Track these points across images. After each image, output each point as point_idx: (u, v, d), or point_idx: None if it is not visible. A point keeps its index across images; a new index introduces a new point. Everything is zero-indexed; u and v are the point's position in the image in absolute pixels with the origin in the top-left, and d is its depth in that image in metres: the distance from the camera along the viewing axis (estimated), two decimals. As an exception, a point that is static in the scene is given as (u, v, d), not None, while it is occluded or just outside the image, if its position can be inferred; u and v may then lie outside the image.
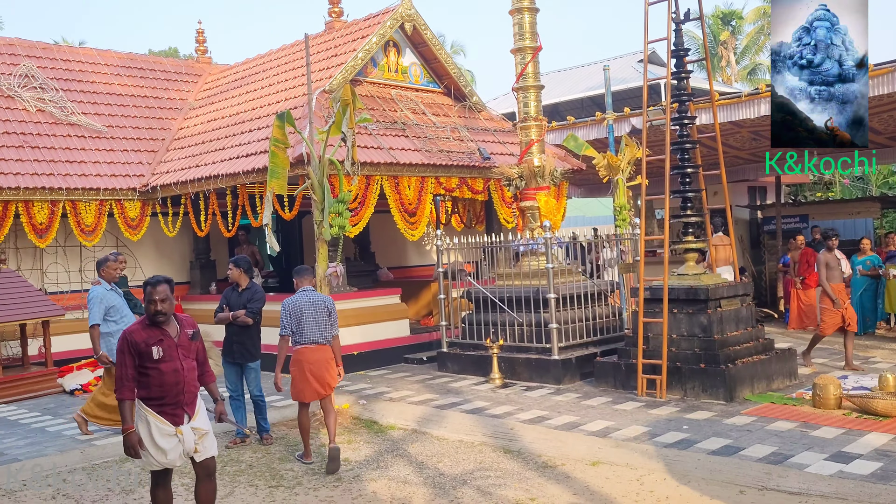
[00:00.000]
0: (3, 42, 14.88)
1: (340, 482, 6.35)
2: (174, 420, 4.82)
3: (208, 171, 11.94)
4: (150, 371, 4.76)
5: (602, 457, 6.61)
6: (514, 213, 12.66)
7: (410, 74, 13.80)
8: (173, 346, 4.85)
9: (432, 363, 11.66)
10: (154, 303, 4.81)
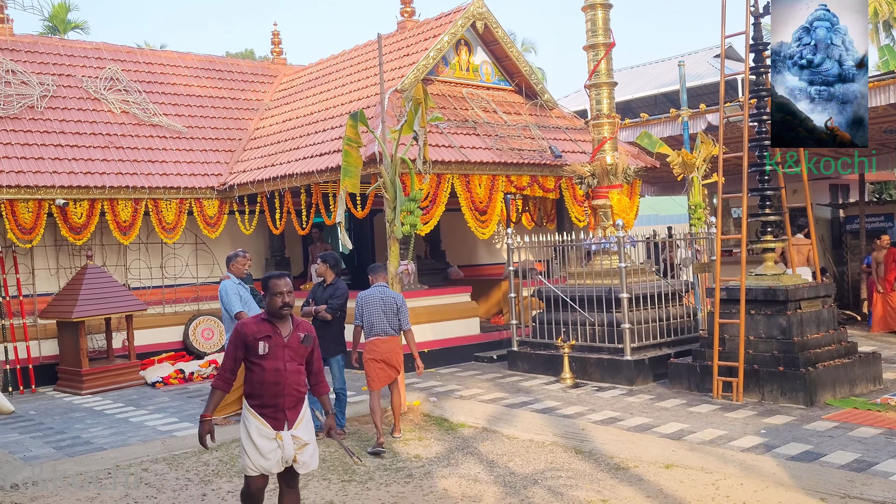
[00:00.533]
0: (90, 46, 15.47)
1: (412, 479, 6.41)
2: (274, 424, 4.63)
3: (283, 171, 12.18)
4: (254, 367, 4.63)
5: (676, 459, 6.50)
6: (585, 211, 12.53)
7: (482, 73, 13.80)
8: (281, 346, 4.64)
9: (502, 362, 11.65)
10: (281, 295, 4.63)
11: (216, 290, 14.06)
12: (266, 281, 4.70)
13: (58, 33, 32.31)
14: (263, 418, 4.62)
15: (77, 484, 6.68)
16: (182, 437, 8.14)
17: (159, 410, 9.72)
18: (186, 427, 8.63)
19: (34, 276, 12.38)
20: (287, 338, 4.66)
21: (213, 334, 13.49)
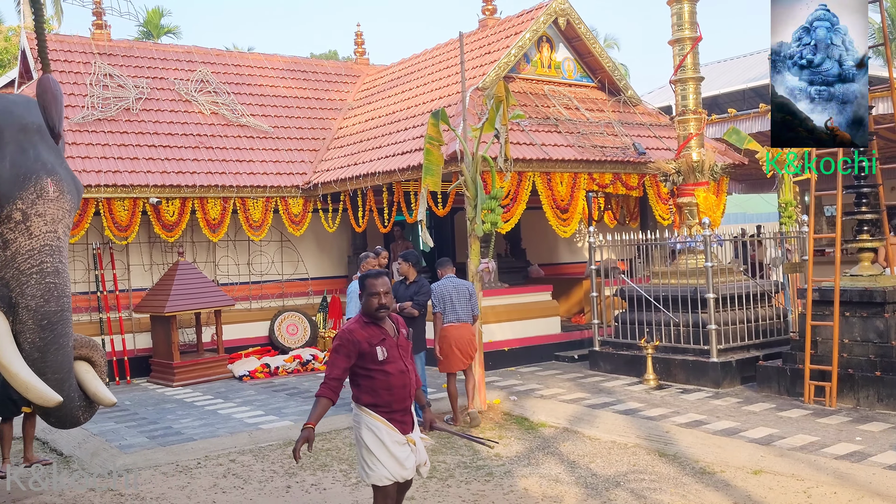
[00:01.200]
0: (181, 50, 16.01)
1: (492, 477, 6.40)
2: (402, 428, 4.41)
3: (365, 169, 12.34)
4: (375, 374, 4.34)
5: (765, 465, 6.30)
6: (670, 209, 12.26)
7: (563, 69, 13.67)
8: (394, 346, 4.45)
9: (583, 361, 11.52)
10: (378, 296, 4.38)
11: (301, 287, 14.47)
12: (363, 280, 4.47)
13: (151, 38, 33.55)
14: (393, 423, 4.38)
15: (169, 472, 6.92)
16: (268, 430, 8.34)
17: (246, 403, 9.98)
18: (272, 420, 8.85)
19: (129, 271, 12.90)
20: (396, 337, 4.49)
21: (298, 330, 13.78)
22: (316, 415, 4.26)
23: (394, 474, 4.36)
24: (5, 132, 4.52)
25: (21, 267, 4.40)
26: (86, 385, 4.72)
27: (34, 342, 4.39)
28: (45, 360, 4.41)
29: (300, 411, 9.28)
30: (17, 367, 4.29)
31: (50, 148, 4.69)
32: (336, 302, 14.29)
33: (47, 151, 4.64)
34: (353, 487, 6.29)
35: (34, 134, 4.62)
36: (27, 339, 4.38)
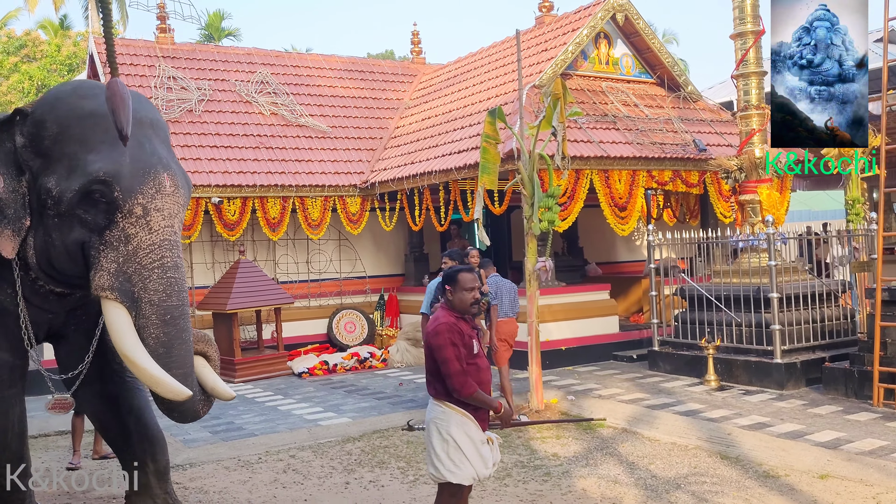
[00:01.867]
0: (242, 52, 16.30)
1: (550, 477, 6.36)
2: (483, 425, 4.38)
3: (422, 168, 12.38)
4: (470, 368, 4.29)
5: (832, 470, 6.13)
6: (731, 207, 12.01)
7: (622, 66, 13.50)
8: (479, 342, 4.46)
9: (642, 361, 11.37)
10: (472, 290, 4.36)
11: (358, 285, 14.60)
12: (454, 275, 4.42)
13: (213, 41, 34.23)
14: (477, 421, 4.34)
15: (231, 467, 7.06)
16: (326, 427, 8.44)
17: (305, 400, 10.12)
18: (331, 417, 8.95)
19: (192, 269, 13.19)
20: (480, 333, 4.54)
21: (356, 328, 13.91)
22: (491, 400, 4.31)
23: (479, 473, 4.33)
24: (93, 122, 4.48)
25: (143, 262, 4.36)
26: (204, 380, 4.72)
27: (159, 337, 4.38)
28: (170, 355, 4.40)
29: (358, 408, 9.37)
30: (145, 363, 4.28)
31: (162, 142, 4.69)
32: (393, 300, 14.38)
33: (161, 146, 4.64)
34: (410, 485, 6.32)
35: (148, 128, 4.61)
36: (151, 334, 4.36)
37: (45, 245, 4.50)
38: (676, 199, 14.27)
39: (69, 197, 4.35)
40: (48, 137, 4.43)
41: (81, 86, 4.69)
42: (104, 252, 4.37)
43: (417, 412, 8.95)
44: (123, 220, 4.35)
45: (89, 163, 4.33)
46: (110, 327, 4.39)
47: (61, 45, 32.01)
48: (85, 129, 4.40)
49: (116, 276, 4.35)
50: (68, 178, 4.36)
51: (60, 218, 4.41)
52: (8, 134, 4.55)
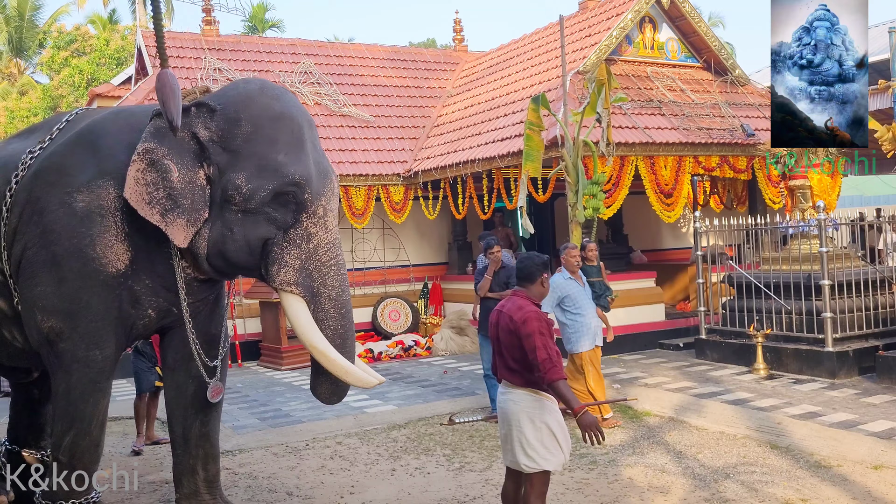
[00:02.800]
0: (286, 43, 16.43)
1: (595, 465, 6.34)
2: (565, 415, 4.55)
3: (465, 156, 12.36)
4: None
5: (886, 460, 6.00)
6: (781, 192, 11.79)
7: (667, 50, 13.30)
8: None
9: (689, 350, 11.23)
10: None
11: (402, 274, 14.66)
12: (548, 264, 4.62)
13: (257, 32, 34.53)
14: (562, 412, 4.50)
15: (279, 453, 7.17)
16: (372, 414, 8.51)
17: (351, 388, 10.18)
18: (376, 404, 9.02)
19: (239, 259, 13.34)
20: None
21: (400, 316, 13.97)
22: (574, 398, 4.32)
23: (567, 460, 4.54)
24: (304, 129, 4.71)
25: (322, 259, 4.62)
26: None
27: (336, 329, 4.65)
28: (345, 346, 4.68)
29: (403, 396, 9.43)
30: (335, 354, 4.57)
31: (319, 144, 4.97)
32: (437, 288, 14.42)
33: (320, 148, 4.93)
34: (456, 472, 6.35)
35: (314, 130, 4.89)
36: (330, 326, 4.63)
37: (222, 238, 4.59)
38: (723, 185, 14.04)
39: (262, 195, 4.50)
40: (241, 136, 4.54)
41: (267, 86, 4.81)
42: (287, 249, 4.59)
43: (462, 400, 8.99)
44: (308, 219, 4.60)
45: (282, 165, 4.52)
46: (296, 321, 4.63)
47: (110, 39, 32.60)
48: (275, 131, 4.57)
49: (300, 273, 4.59)
50: (259, 176, 4.50)
51: (245, 214, 4.55)
52: (182, 124, 4.49)
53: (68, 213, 4.58)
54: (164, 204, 4.46)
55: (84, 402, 4.68)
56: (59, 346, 4.64)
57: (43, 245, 4.62)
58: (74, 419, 4.70)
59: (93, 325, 4.62)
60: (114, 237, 4.58)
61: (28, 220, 4.69)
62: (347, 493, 5.98)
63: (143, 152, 4.48)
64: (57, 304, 4.60)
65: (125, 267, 4.62)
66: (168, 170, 4.48)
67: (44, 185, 4.68)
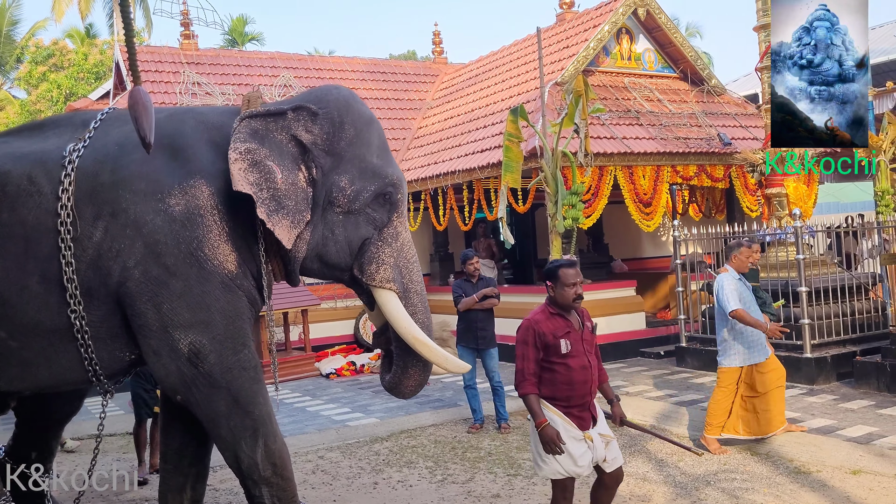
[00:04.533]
0: (265, 56, 16.43)
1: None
2: (581, 424, 4.39)
3: (445, 168, 12.40)
4: (557, 367, 4.37)
5: (864, 465, 6.06)
6: (758, 200, 11.92)
7: (644, 61, 13.43)
8: (579, 340, 4.43)
9: (670, 358, 11.30)
10: (574, 286, 4.42)
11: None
12: (555, 270, 4.49)
13: (236, 45, 34.50)
14: (570, 418, 4.38)
15: (261, 468, 7.10)
16: (354, 427, 8.49)
17: (333, 401, 10.18)
18: (358, 417, 9.00)
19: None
20: (581, 330, 4.47)
21: (382, 328, 13.92)
22: (538, 411, 4.36)
23: (566, 470, 4.39)
24: (383, 133, 4.84)
25: (407, 256, 4.75)
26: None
27: (423, 322, 4.73)
28: (431, 337, 4.79)
29: (386, 408, 9.41)
30: (433, 345, 4.70)
31: None
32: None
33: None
34: (438, 484, 6.34)
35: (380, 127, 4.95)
36: (420, 320, 4.69)
37: (323, 240, 4.61)
38: (702, 194, 14.18)
39: (365, 197, 4.58)
40: (345, 139, 4.60)
41: (353, 93, 4.90)
42: (382, 248, 4.67)
43: (444, 411, 8.99)
44: (397, 219, 4.74)
45: (380, 167, 4.65)
46: (396, 316, 4.65)
47: (88, 53, 32.44)
48: (370, 135, 4.70)
49: (395, 270, 4.68)
50: (361, 178, 4.59)
51: (347, 215, 4.61)
52: (280, 126, 4.51)
53: (167, 220, 4.33)
54: (269, 205, 4.34)
55: (255, 405, 4.46)
56: (205, 364, 4.33)
57: (152, 260, 4.31)
58: (257, 426, 4.45)
59: (231, 326, 4.42)
60: (217, 237, 4.39)
61: (121, 236, 4.33)
62: (329, 508, 5.95)
63: (244, 152, 4.34)
64: (188, 317, 4.31)
65: (235, 267, 4.45)
66: (272, 171, 4.38)
67: (130, 196, 4.35)
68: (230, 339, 4.40)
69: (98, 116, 4.78)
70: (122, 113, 4.77)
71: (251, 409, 4.44)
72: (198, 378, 4.35)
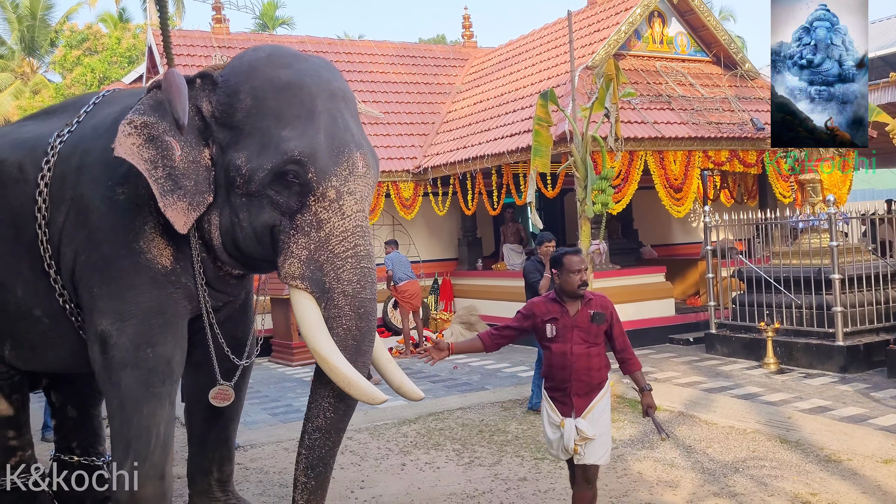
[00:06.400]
0: (296, 40, 16.48)
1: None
2: (562, 409, 4.37)
3: (475, 152, 12.38)
4: (545, 350, 4.44)
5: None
6: (791, 186, 11.77)
7: (676, 44, 13.27)
8: (569, 327, 4.34)
9: (699, 344, 11.23)
10: (579, 272, 4.31)
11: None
12: (560, 258, 4.37)
13: (267, 30, 34.63)
14: (553, 402, 4.41)
15: (290, 448, 7.20)
16: (382, 409, 8.50)
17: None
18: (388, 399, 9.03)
19: (250, 256, 13.41)
20: (575, 317, 4.35)
21: (410, 312, 13.99)
22: (462, 343, 4.63)
23: (550, 452, 4.60)
24: (317, 100, 4.02)
25: (335, 250, 3.97)
26: (390, 377, 4.44)
27: (350, 330, 4.02)
28: (359, 350, 4.08)
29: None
30: (339, 362, 3.93)
31: (353, 116, 4.23)
32: (447, 284, 14.45)
33: (352, 121, 4.18)
34: (466, 467, 6.38)
35: (340, 100, 4.15)
36: (343, 325, 4.00)
37: (231, 225, 4.10)
38: (734, 180, 14.02)
39: (261, 176, 3.95)
40: (241, 110, 4.02)
41: (276, 52, 4.24)
42: (294, 237, 3.99)
43: (472, 395, 9.02)
44: (316, 203, 3.96)
45: (283, 140, 3.93)
46: (300, 319, 4.04)
47: (121, 37, 32.78)
48: (280, 103, 3.99)
49: (307, 265, 3.98)
50: (260, 155, 3.96)
51: (249, 198, 4.02)
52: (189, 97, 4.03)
53: (112, 207, 4.17)
54: (164, 185, 3.95)
55: (137, 413, 4.09)
56: (108, 355, 4.13)
57: (93, 247, 4.20)
58: (130, 440, 4.11)
59: (145, 323, 4.13)
60: (153, 228, 4.15)
61: (75, 222, 4.26)
62: (358, 488, 6.02)
63: (140, 126, 3.96)
64: (109, 304, 4.14)
65: (171, 262, 4.19)
66: (169, 147, 3.98)
67: (88, 181, 4.25)
68: (140, 335, 4.11)
69: (92, 100, 4.70)
70: (118, 95, 4.72)
71: (131, 416, 4.10)
72: (104, 369, 4.18)
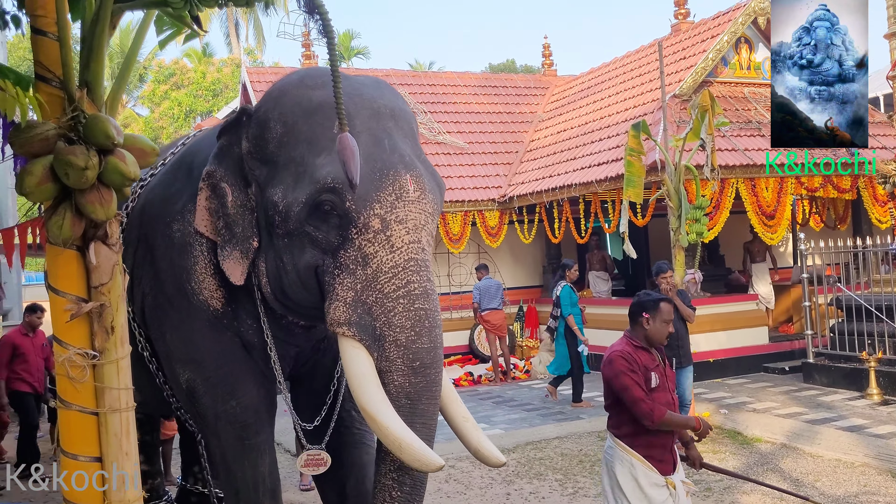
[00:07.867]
0: (381, 73, 16.90)
1: (711, 492, 6.35)
2: (662, 468, 3.96)
3: (561, 181, 12.50)
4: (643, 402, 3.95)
5: None
6: (889, 211, 11.50)
7: (764, 70, 13.13)
8: (663, 375, 4.06)
9: (795, 374, 11.03)
10: (670, 322, 4.08)
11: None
12: (656, 304, 4.07)
13: (343, 60, 35.55)
14: (650, 461, 3.96)
15: None
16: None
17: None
18: (483, 428, 9.02)
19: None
20: (664, 366, 4.12)
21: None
22: (680, 419, 4.09)
23: None
24: (356, 119, 3.49)
25: (385, 289, 3.42)
26: (466, 436, 3.88)
27: (403, 387, 3.43)
28: (414, 409, 3.46)
29: (508, 420, 9.58)
30: (389, 421, 3.32)
31: (406, 136, 3.76)
32: (532, 311, 14.53)
33: (403, 140, 3.70)
34: (570, 497, 6.46)
35: (388, 120, 3.67)
36: (395, 381, 3.42)
37: (276, 270, 3.66)
38: (823, 204, 13.76)
39: (297, 211, 3.49)
40: (272, 140, 3.63)
41: (310, 73, 3.84)
42: (339, 277, 3.47)
43: (567, 424, 9.08)
44: (359, 236, 3.44)
45: (317, 168, 3.47)
46: (347, 371, 3.50)
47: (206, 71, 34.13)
48: (313, 126, 3.55)
49: (354, 308, 3.44)
50: (295, 188, 3.52)
51: (290, 237, 3.57)
52: (235, 138, 3.78)
53: (169, 245, 4.01)
54: (224, 235, 3.74)
55: (239, 467, 3.99)
56: (200, 405, 4.03)
57: (158, 288, 4.09)
58: (238, 490, 4.00)
59: (220, 370, 3.95)
60: (204, 269, 3.91)
61: (142, 262, 4.17)
62: (467, 516, 6.17)
63: (206, 177, 3.77)
64: (183, 351, 4.02)
65: (221, 305, 3.93)
66: (224, 194, 3.73)
67: (149, 219, 4.17)
68: (220, 384, 3.96)
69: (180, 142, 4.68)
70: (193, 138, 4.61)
71: (234, 469, 4.01)
72: (198, 416, 4.12)
